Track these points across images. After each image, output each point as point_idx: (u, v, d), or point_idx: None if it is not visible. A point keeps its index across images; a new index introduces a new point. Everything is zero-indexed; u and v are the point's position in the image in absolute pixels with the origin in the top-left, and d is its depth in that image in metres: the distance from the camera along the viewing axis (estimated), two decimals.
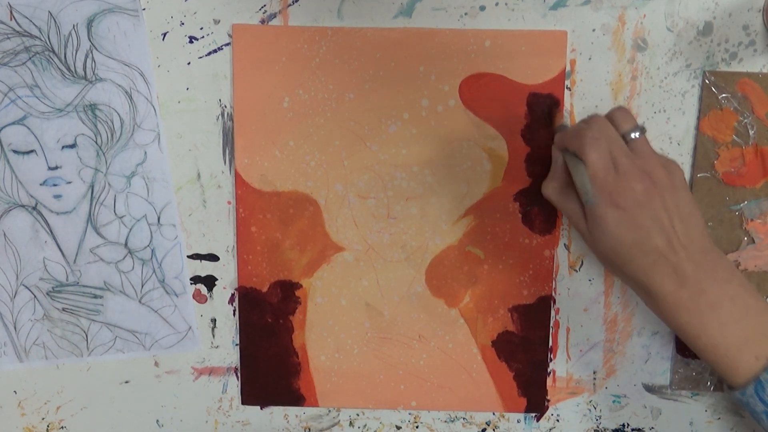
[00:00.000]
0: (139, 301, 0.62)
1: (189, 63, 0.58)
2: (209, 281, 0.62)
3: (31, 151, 0.59)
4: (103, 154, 0.59)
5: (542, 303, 0.61)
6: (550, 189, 0.54)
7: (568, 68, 0.57)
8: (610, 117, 0.52)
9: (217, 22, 0.57)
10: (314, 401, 0.64)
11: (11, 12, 0.56)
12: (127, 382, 0.64)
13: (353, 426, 0.65)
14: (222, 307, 0.62)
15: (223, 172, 0.60)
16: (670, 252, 0.49)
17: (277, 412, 0.65)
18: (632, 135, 0.50)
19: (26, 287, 0.61)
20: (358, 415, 0.64)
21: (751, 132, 0.58)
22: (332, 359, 0.63)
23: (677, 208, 0.49)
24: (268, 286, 0.61)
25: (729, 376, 0.51)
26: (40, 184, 0.59)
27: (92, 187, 0.59)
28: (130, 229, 0.60)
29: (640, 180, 0.49)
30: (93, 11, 0.56)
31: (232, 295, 0.62)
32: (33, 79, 0.57)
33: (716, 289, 0.49)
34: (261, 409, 0.64)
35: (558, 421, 0.64)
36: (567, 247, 0.61)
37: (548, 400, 0.63)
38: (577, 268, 0.61)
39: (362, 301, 0.61)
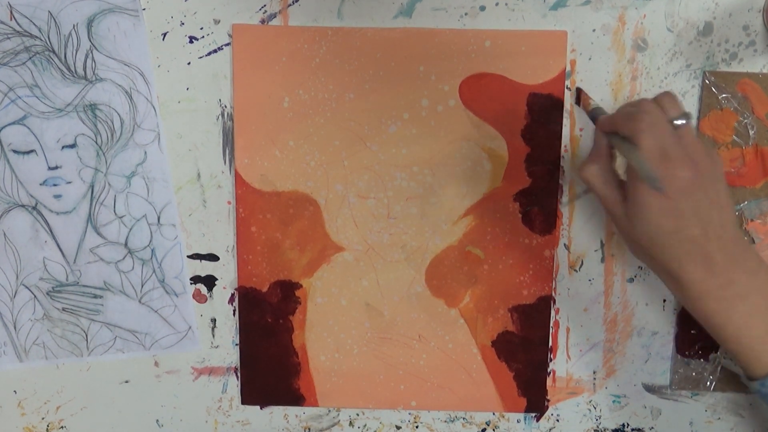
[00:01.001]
0: (139, 301, 0.62)
1: (189, 63, 0.58)
2: (209, 281, 0.62)
3: (31, 151, 0.59)
4: (103, 154, 0.59)
5: (542, 303, 0.61)
6: (591, 172, 0.52)
7: (568, 68, 0.57)
8: (657, 102, 0.51)
9: (217, 22, 0.57)
10: (314, 401, 0.64)
11: (11, 12, 0.56)
12: (127, 382, 0.64)
13: (353, 426, 0.65)
14: (222, 307, 0.62)
15: (223, 172, 0.60)
16: (704, 241, 0.49)
17: (277, 412, 0.65)
18: (679, 122, 0.50)
19: (26, 287, 0.61)
20: (358, 415, 0.64)
21: (751, 132, 0.58)
22: (332, 359, 0.63)
23: (716, 198, 0.49)
24: (268, 286, 0.61)
25: (751, 366, 0.51)
26: (40, 184, 0.59)
27: (92, 187, 0.59)
28: (130, 229, 0.60)
29: (689, 169, 0.48)
30: (93, 11, 0.56)
31: (232, 295, 0.62)
32: (33, 79, 0.57)
33: (744, 279, 0.50)
34: (261, 409, 0.64)
35: (558, 421, 0.64)
36: (567, 247, 0.61)
37: (548, 400, 0.63)
38: (577, 268, 0.61)
39: (362, 301, 0.61)
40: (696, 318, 0.52)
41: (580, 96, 0.57)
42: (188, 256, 0.61)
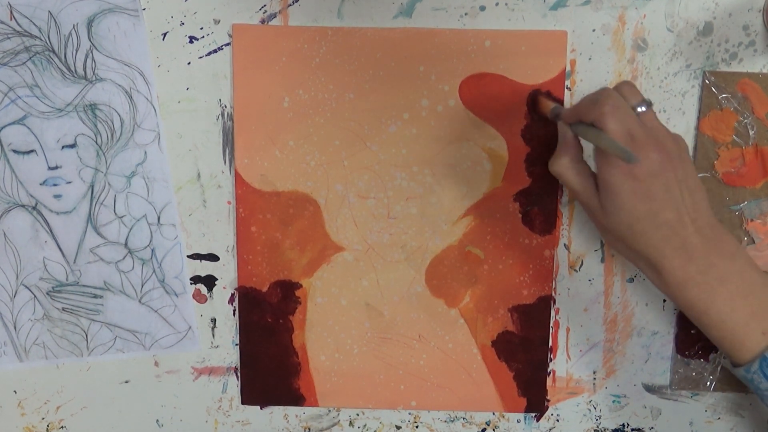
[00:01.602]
0: (139, 301, 0.62)
1: (189, 63, 0.58)
2: (209, 281, 0.62)
3: (31, 151, 0.59)
4: (103, 154, 0.59)
5: (542, 303, 0.61)
6: (562, 164, 0.52)
7: (568, 68, 0.57)
8: (617, 91, 0.51)
9: (217, 22, 0.57)
10: (314, 401, 0.64)
11: (11, 12, 0.56)
12: (127, 382, 0.64)
13: (353, 426, 0.65)
14: (222, 307, 0.62)
15: (223, 172, 0.60)
16: (680, 225, 0.49)
17: (277, 412, 0.65)
18: (640, 108, 0.50)
19: (26, 287, 0.61)
20: (358, 415, 0.64)
21: (751, 132, 0.58)
22: (332, 359, 0.63)
23: (686, 180, 0.49)
24: (268, 286, 0.61)
25: (735, 352, 0.51)
26: (40, 184, 0.59)
27: (92, 187, 0.59)
28: (130, 229, 0.60)
29: (655, 150, 0.48)
30: (93, 11, 0.56)
31: (232, 295, 0.62)
32: (33, 79, 0.57)
33: (724, 263, 0.50)
34: (261, 409, 0.64)
35: (558, 421, 0.64)
36: (567, 247, 0.61)
37: (548, 400, 0.63)
38: (577, 268, 0.61)
39: (362, 301, 0.61)
40: (679, 307, 0.52)
41: (537, 101, 0.57)
42: (188, 256, 0.61)
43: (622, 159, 0.47)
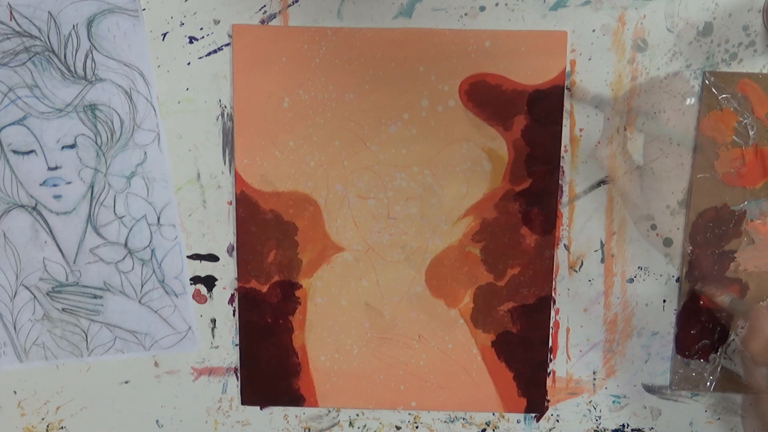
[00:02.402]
0: (139, 302, 0.62)
1: (189, 63, 0.58)
2: (209, 281, 0.62)
3: (31, 151, 0.59)
4: (103, 154, 0.59)
5: (542, 303, 0.61)
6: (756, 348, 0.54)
7: (568, 68, 0.57)
8: None
9: (217, 22, 0.57)
10: (314, 401, 0.64)
11: (11, 12, 0.56)
12: (127, 382, 0.64)
13: (353, 426, 0.65)
14: (222, 307, 0.62)
15: (223, 172, 0.60)
16: None
17: (276, 412, 0.65)
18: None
19: (26, 287, 0.61)
20: (357, 415, 0.64)
21: (751, 132, 0.58)
22: (332, 359, 0.63)
23: None
24: (268, 286, 0.61)
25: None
26: (40, 184, 0.59)
27: (92, 187, 0.59)
28: (130, 230, 0.60)
29: None
30: (93, 11, 0.56)
31: (232, 295, 0.62)
32: (33, 79, 0.57)
33: None
34: (261, 409, 0.64)
35: (558, 421, 0.64)
36: (567, 247, 0.61)
37: (548, 401, 0.63)
38: (577, 269, 0.61)
39: (362, 301, 0.61)
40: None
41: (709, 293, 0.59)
42: (188, 257, 0.61)
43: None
